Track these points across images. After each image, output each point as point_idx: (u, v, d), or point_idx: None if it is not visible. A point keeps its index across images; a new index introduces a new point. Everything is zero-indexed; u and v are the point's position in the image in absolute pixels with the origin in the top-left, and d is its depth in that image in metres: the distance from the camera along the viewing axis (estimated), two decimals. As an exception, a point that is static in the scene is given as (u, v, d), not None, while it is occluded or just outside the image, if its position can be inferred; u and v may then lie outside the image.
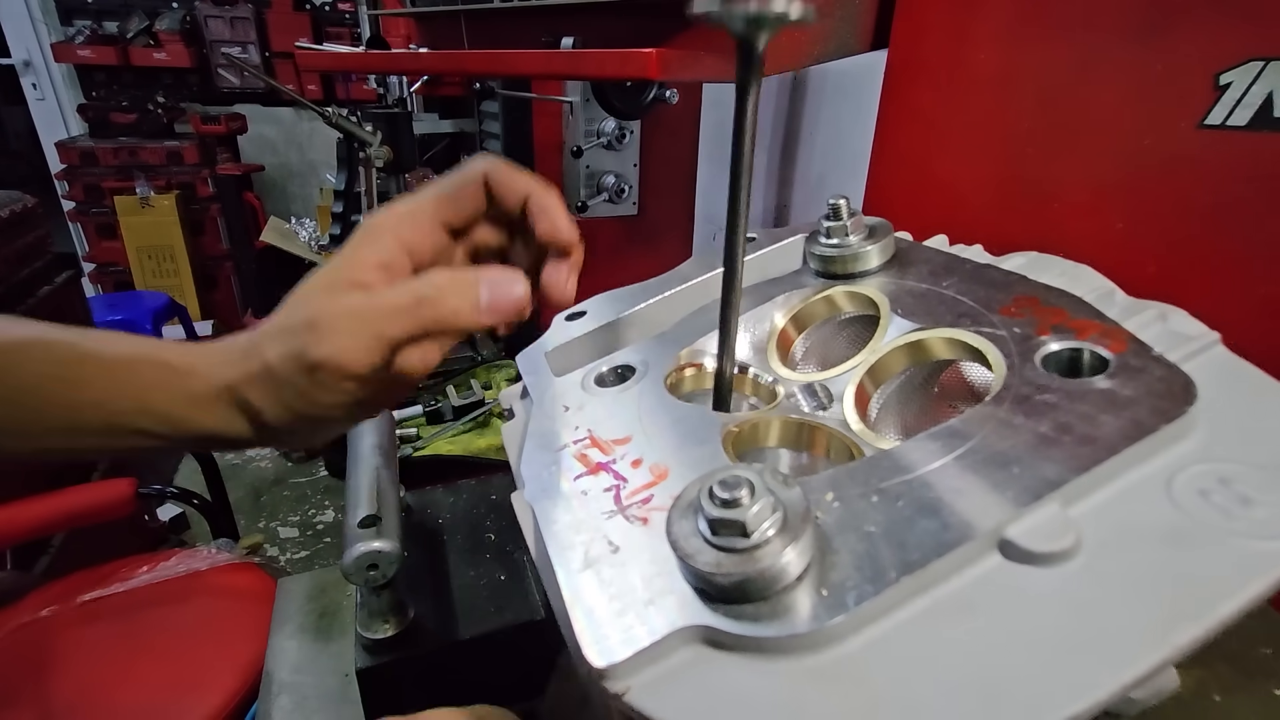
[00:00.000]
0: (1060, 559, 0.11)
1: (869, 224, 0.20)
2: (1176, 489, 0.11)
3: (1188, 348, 0.14)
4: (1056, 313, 0.15)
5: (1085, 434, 0.12)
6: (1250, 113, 0.32)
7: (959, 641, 0.10)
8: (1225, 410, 0.12)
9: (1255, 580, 0.09)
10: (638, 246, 1.41)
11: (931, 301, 0.17)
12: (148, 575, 1.00)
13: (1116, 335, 0.14)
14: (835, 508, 0.12)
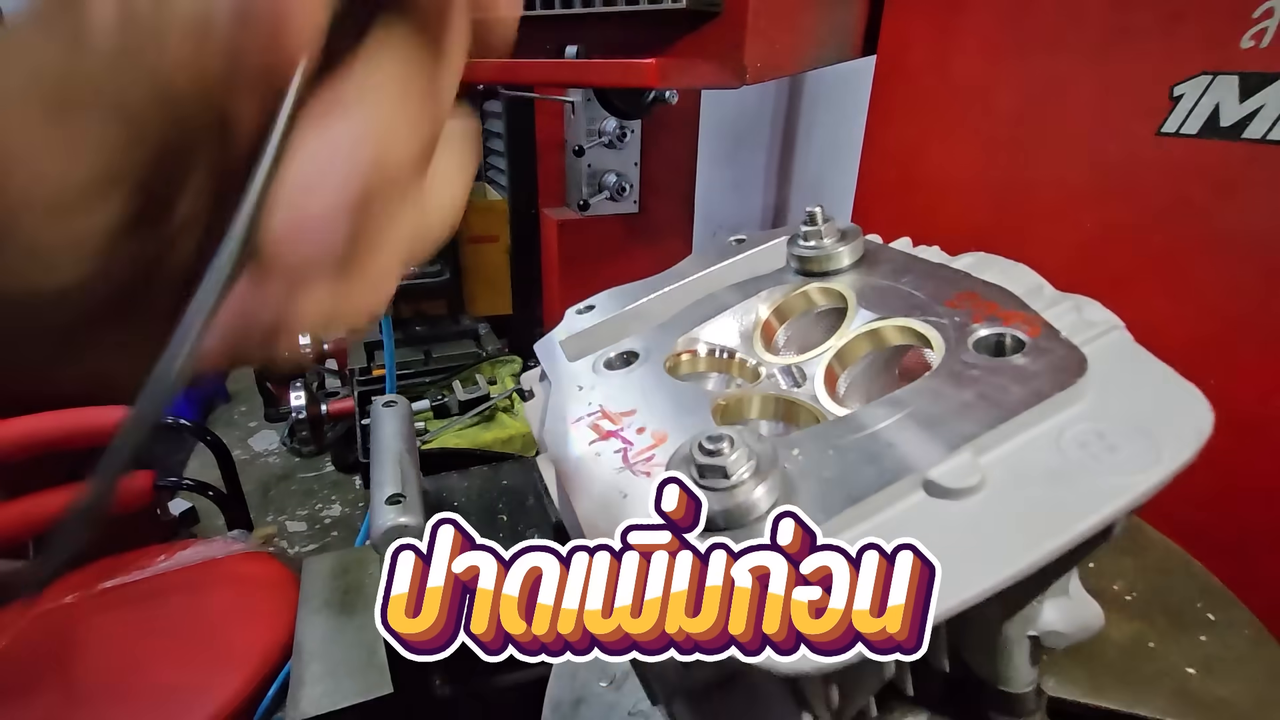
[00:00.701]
0: (968, 494, 0.14)
1: (841, 229, 0.23)
2: (1063, 441, 0.14)
3: (1092, 332, 0.17)
4: (990, 305, 0.18)
5: (998, 400, 0.15)
6: (1200, 121, 0.35)
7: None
8: (1111, 381, 0.15)
9: (1109, 504, 0.13)
10: (638, 242, 1.44)
11: (890, 296, 0.20)
12: (166, 563, 1.04)
13: (1034, 322, 0.17)
14: (799, 459, 0.16)
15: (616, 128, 1.33)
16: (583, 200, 1.36)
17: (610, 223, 1.42)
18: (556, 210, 1.45)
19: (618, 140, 1.35)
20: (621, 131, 1.34)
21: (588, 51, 0.60)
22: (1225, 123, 0.34)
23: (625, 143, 1.36)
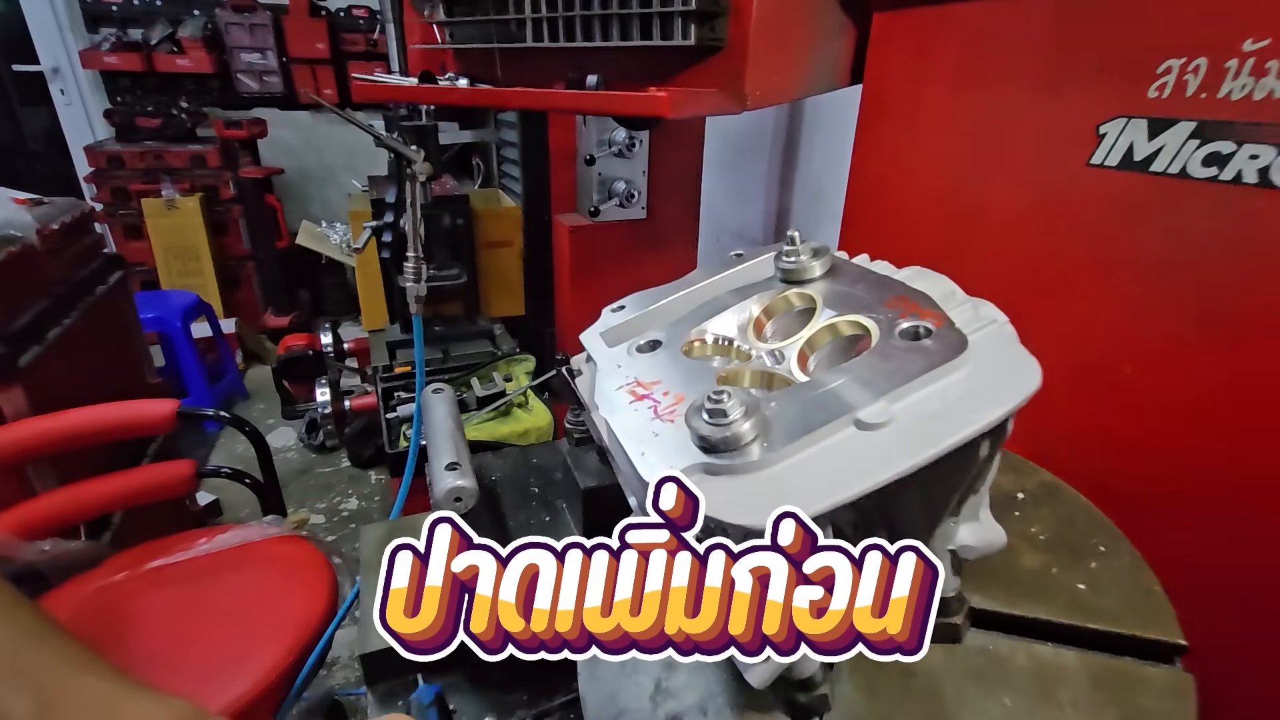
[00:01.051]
0: (882, 427, 0.21)
1: (814, 247, 0.31)
2: (946, 395, 0.22)
3: (980, 324, 0.25)
4: (914, 305, 0.26)
5: (907, 369, 0.23)
6: (1119, 156, 0.43)
7: (820, 462, 0.21)
8: (985, 356, 0.23)
9: (962, 431, 0.20)
10: (646, 247, 1.52)
11: (847, 299, 0.28)
12: (207, 546, 1.12)
13: (939, 318, 0.25)
14: (774, 407, 0.23)
15: (626, 138, 1.41)
16: (593, 207, 1.44)
17: (619, 228, 1.50)
18: (568, 216, 1.53)
19: (627, 150, 1.43)
20: (630, 141, 1.42)
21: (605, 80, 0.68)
22: (1138, 158, 0.42)
23: (634, 152, 1.44)
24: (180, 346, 2.28)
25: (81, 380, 1.24)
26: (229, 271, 3.04)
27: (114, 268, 1.44)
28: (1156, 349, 0.42)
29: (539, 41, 0.70)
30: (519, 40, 0.72)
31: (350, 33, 3.22)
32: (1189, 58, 0.38)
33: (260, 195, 2.93)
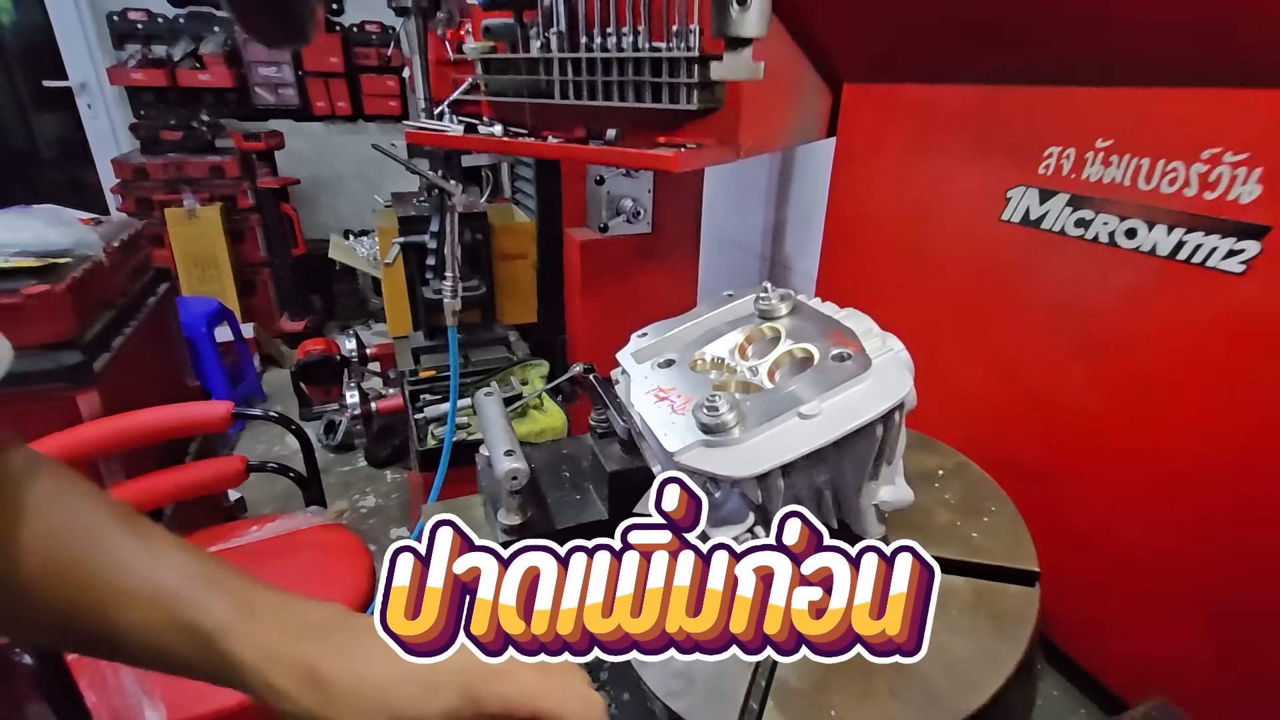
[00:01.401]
0: (815, 416, 0.35)
1: (781, 294, 0.45)
2: (854, 398, 0.35)
3: (885, 351, 0.38)
4: (843, 338, 0.40)
5: (834, 381, 0.36)
6: (1021, 215, 0.56)
7: (775, 438, 0.34)
8: (883, 374, 0.37)
9: (858, 419, 0.34)
10: (651, 260, 1.66)
11: (802, 331, 0.42)
12: (259, 533, 1.26)
13: (858, 347, 0.38)
14: (749, 405, 0.36)
15: (633, 161, 1.54)
16: (603, 223, 1.58)
17: (627, 242, 1.63)
18: (579, 231, 1.67)
19: (633, 170, 1.57)
20: (637, 164, 1.55)
21: (622, 135, 0.82)
22: (1032, 218, 0.55)
23: (640, 172, 1.58)
24: (205, 351, 2.41)
25: (137, 384, 1.38)
26: (245, 277, 3.17)
27: (161, 280, 1.58)
28: (1047, 363, 0.55)
29: (565, 99, 0.84)
30: (548, 96, 0.86)
31: (363, 47, 3.36)
32: (1063, 147, 0.52)
33: (277, 204, 3.07)
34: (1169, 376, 0.47)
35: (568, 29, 0.83)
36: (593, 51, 0.80)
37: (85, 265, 1.22)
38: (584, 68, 0.81)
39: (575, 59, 0.81)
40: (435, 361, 1.60)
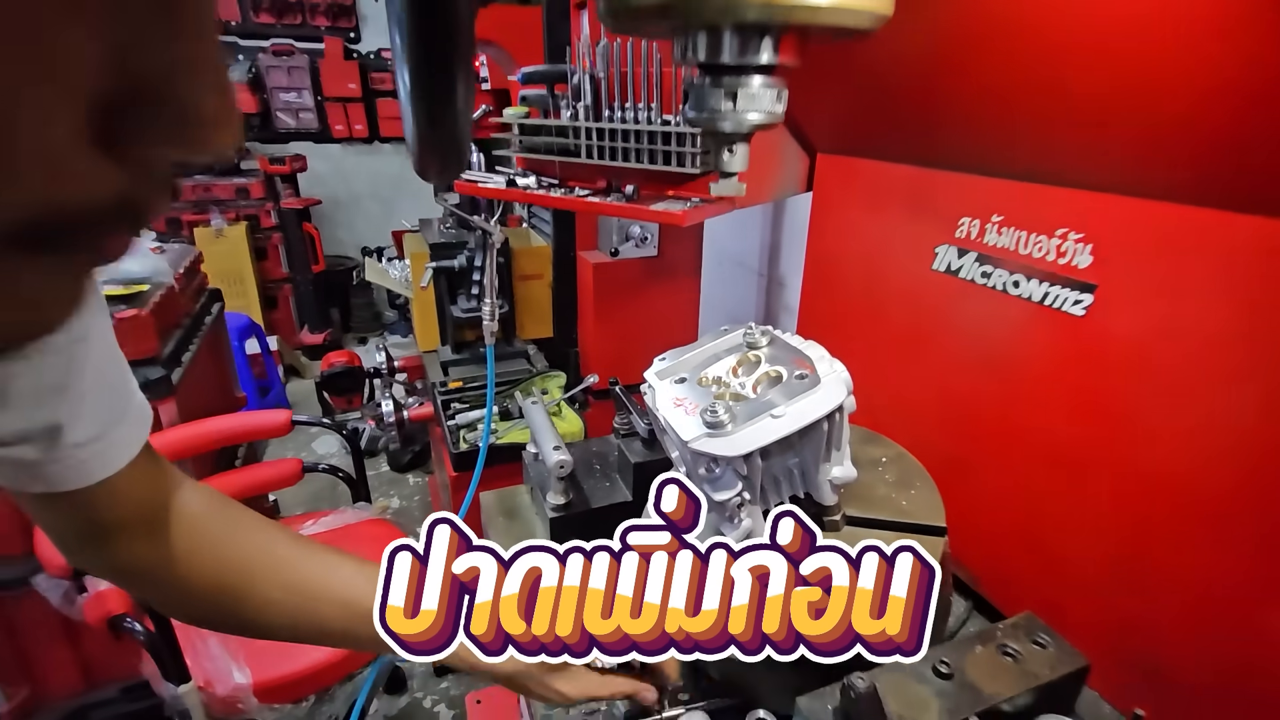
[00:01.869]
0: (783, 416, 0.53)
1: (762, 329, 0.63)
2: (808, 405, 0.54)
3: (831, 372, 0.56)
4: (803, 362, 0.58)
5: (795, 392, 0.54)
6: (944, 266, 0.75)
7: (755, 431, 0.54)
8: (827, 388, 0.55)
9: (810, 419, 0.52)
10: (658, 281, 1.85)
11: (776, 358, 0.60)
12: (314, 526, 1.45)
13: (812, 368, 0.56)
14: (738, 409, 0.54)
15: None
16: (614, 248, 1.77)
17: (635, 265, 1.83)
18: (591, 254, 1.86)
19: (641, 201, 1.76)
20: (645, 196, 1.74)
21: (638, 190, 1.01)
22: (953, 269, 0.74)
23: (647, 203, 1.77)
24: (239, 363, 2.60)
25: (200, 395, 1.57)
26: (268, 293, 3.37)
27: (215, 300, 1.77)
28: (964, 377, 0.74)
29: (589, 159, 1.03)
30: (575, 156, 1.05)
31: (379, 72, 3.57)
32: (971, 218, 0.71)
33: (300, 223, 3.27)
34: (1042, 386, 0.66)
35: (592, 103, 1.02)
36: (613, 122, 0.99)
37: (161, 290, 1.41)
38: (606, 135, 1.00)
39: (599, 128, 1.01)
40: (462, 373, 1.78)
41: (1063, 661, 0.54)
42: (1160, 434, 0.57)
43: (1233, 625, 0.54)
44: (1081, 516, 0.65)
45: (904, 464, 0.70)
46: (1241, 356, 0.51)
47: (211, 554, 0.44)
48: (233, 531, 0.46)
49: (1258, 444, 0.50)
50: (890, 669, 0.51)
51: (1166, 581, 0.58)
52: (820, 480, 0.61)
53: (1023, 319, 0.66)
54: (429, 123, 0.39)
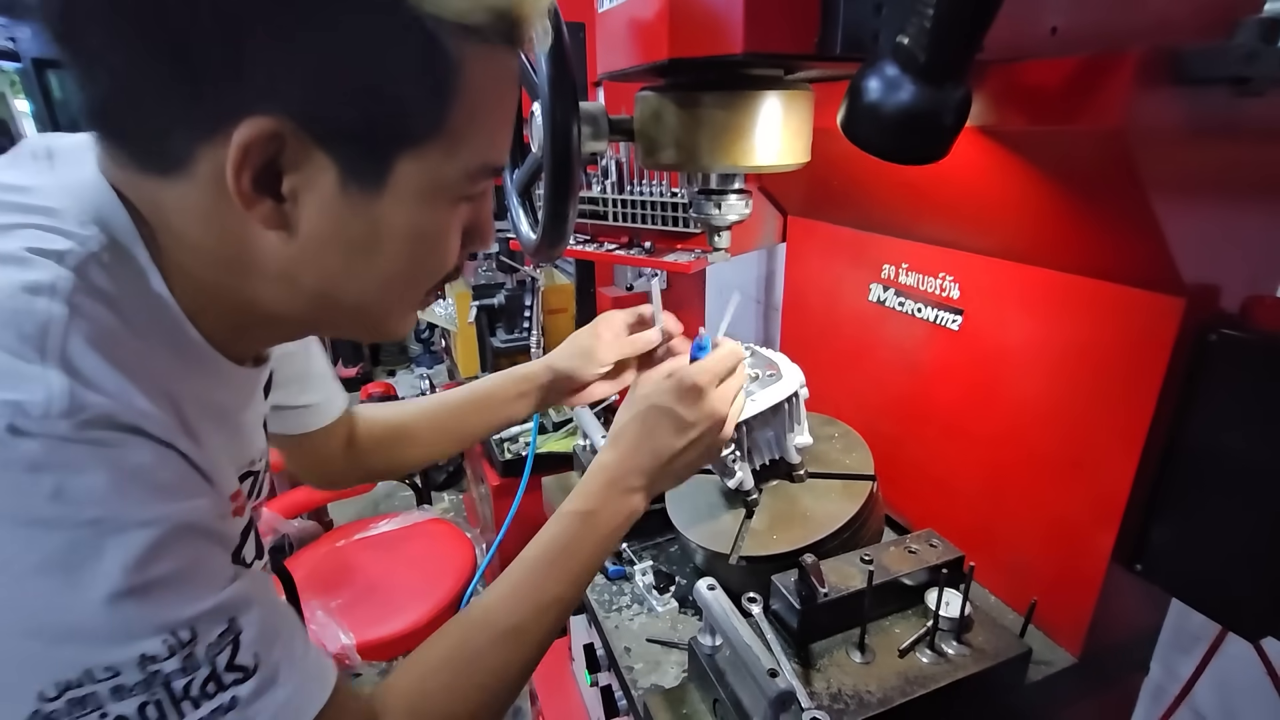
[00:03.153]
0: (756, 399, 0.85)
1: (747, 345, 0.96)
2: (774, 390, 0.86)
3: (791, 371, 0.88)
4: (771, 365, 0.90)
5: (765, 384, 0.86)
6: (876, 297, 1.09)
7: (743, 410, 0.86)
8: (787, 380, 0.87)
9: (776, 400, 0.85)
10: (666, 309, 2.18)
11: (755, 363, 0.92)
12: (387, 525, 1.77)
13: (777, 370, 0.88)
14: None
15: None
16: (629, 284, 2.12)
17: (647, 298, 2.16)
18: (609, 289, 2.21)
19: (652, 244, 2.10)
20: (655, 239, 2.09)
21: (655, 246, 1.36)
22: (881, 300, 1.08)
23: (657, 245, 2.11)
24: None
25: (284, 419, 1.91)
26: (307, 331, 3.72)
27: (289, 339, 2.13)
28: (893, 376, 1.07)
29: (615, 222, 1.39)
30: (603, 219, 1.40)
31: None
32: (892, 265, 1.04)
33: (336, 267, 3.64)
34: (938, 378, 0.99)
35: (617, 180, 1.38)
36: (633, 194, 1.35)
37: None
38: (628, 204, 1.36)
39: (623, 199, 1.36)
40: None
41: (947, 553, 0.86)
42: (1008, 405, 0.90)
43: (1055, 530, 0.86)
44: (965, 463, 0.97)
45: (849, 438, 1.03)
46: (1051, 354, 0.83)
47: (379, 428, 0.86)
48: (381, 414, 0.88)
49: (1065, 411, 0.83)
50: (830, 559, 0.83)
51: (1015, 503, 0.90)
52: (788, 445, 0.94)
53: (925, 333, 1.00)
54: (553, 223, 0.72)
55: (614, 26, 0.75)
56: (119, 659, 0.34)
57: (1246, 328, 0.67)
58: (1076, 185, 0.68)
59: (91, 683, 0.34)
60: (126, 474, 0.35)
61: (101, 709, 0.34)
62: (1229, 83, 0.55)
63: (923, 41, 0.52)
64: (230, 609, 0.39)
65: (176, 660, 0.36)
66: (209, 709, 0.37)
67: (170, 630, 0.36)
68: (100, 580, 0.34)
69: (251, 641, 0.39)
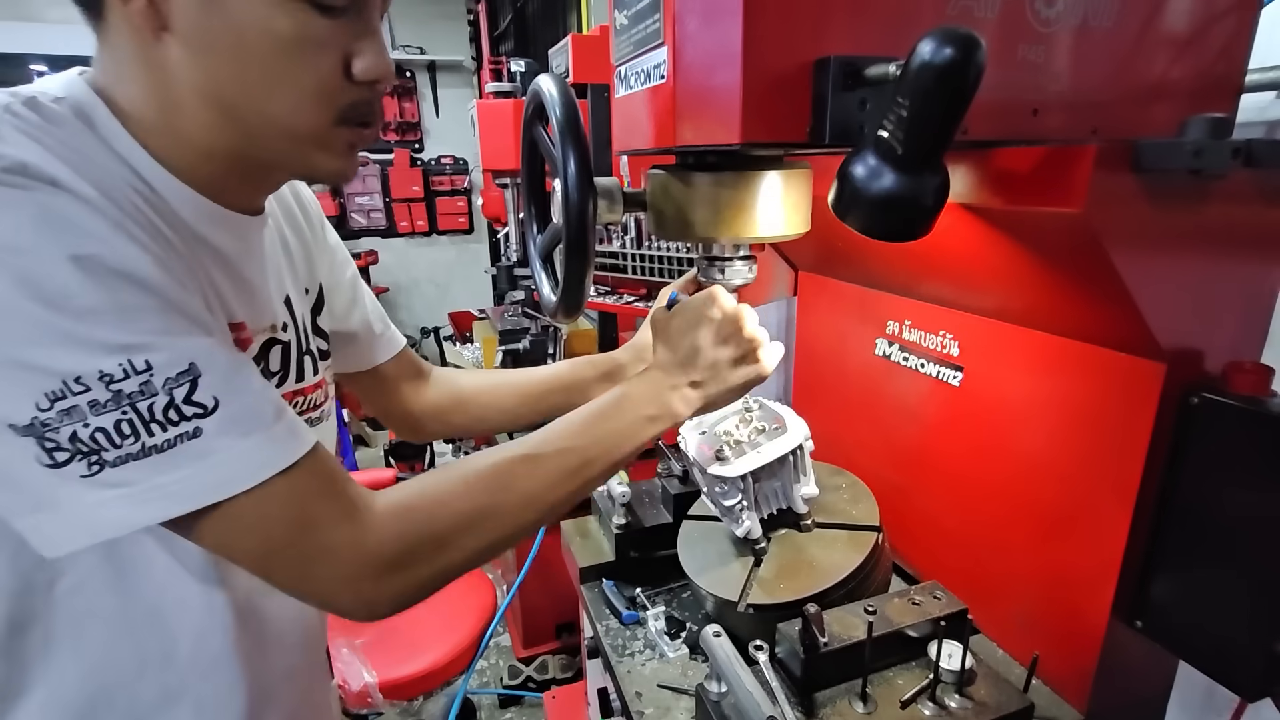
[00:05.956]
0: (763, 450, 0.89)
1: (755, 399, 1.01)
2: (782, 442, 0.90)
3: (796, 424, 0.93)
4: (778, 418, 0.96)
5: (772, 436, 0.91)
6: (883, 352, 1.14)
7: (750, 460, 0.91)
8: (793, 433, 0.92)
9: (782, 452, 0.90)
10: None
11: (763, 417, 0.98)
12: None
13: (783, 423, 0.94)
14: (739, 448, 0.92)
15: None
16: (650, 330, 2.20)
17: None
18: (629, 335, 2.29)
19: (672, 291, 2.19)
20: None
21: (671, 298, 1.43)
22: (888, 355, 1.13)
23: (677, 292, 2.20)
24: (340, 434, 3.06)
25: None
26: (340, 371, 3.87)
27: (324, 381, 2.25)
28: (897, 426, 1.12)
29: (634, 275, 1.47)
30: (623, 272, 1.49)
31: (438, 175, 4.19)
32: (896, 321, 1.10)
33: (370, 310, 3.81)
34: (940, 430, 1.03)
35: (635, 236, 1.47)
36: (650, 249, 1.43)
37: (299, 376, 1.87)
38: (645, 258, 1.44)
39: (641, 254, 1.44)
40: (525, 438, 2.19)
41: (950, 605, 0.89)
42: (1008, 459, 0.93)
43: (1056, 584, 0.88)
44: (969, 515, 1.00)
45: (857, 489, 1.07)
46: (1047, 411, 0.87)
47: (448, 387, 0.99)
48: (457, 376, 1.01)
49: (1061, 467, 0.86)
50: (835, 609, 0.87)
51: (1018, 556, 0.93)
52: (795, 496, 0.98)
53: (928, 388, 1.04)
54: (571, 288, 0.80)
55: (628, 112, 0.83)
56: (83, 369, 0.43)
57: (1226, 391, 0.71)
58: (1054, 258, 0.73)
59: (71, 395, 0.43)
60: (49, 214, 0.43)
61: (85, 420, 0.43)
62: (1185, 171, 0.60)
63: (900, 136, 0.59)
64: (187, 354, 0.46)
65: (134, 383, 0.44)
66: (174, 433, 0.45)
67: (118, 352, 0.44)
68: (40, 301, 0.42)
69: (210, 386, 0.47)
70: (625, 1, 0.79)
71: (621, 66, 0.82)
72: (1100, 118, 0.75)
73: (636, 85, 0.79)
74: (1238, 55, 0.81)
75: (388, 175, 4.11)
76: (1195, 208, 0.66)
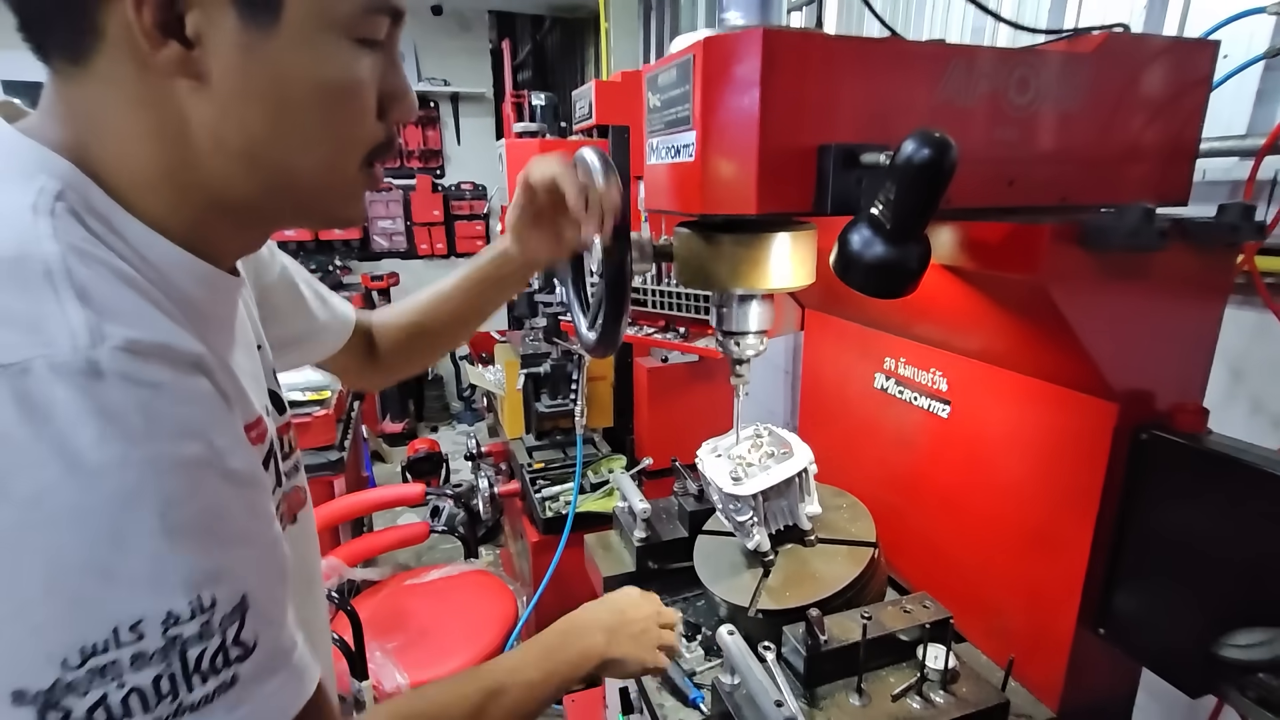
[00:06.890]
0: (771, 472, 1.03)
1: (766, 427, 1.13)
2: (789, 464, 1.03)
3: (802, 449, 1.05)
4: (785, 444, 1.08)
5: (780, 460, 1.04)
6: (880, 384, 1.27)
7: (761, 481, 1.04)
8: (798, 457, 1.05)
9: (789, 474, 1.02)
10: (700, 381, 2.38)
11: (772, 442, 1.11)
12: (436, 574, 1.96)
13: (790, 448, 1.06)
14: (750, 470, 1.04)
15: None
16: (664, 356, 2.33)
17: (682, 369, 2.37)
18: (646, 360, 2.42)
19: (685, 319, 2.32)
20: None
21: (689, 331, 1.57)
22: (884, 388, 1.26)
23: (690, 321, 2.33)
24: (362, 450, 3.18)
25: (350, 473, 2.13)
26: (359, 388, 4.00)
27: (357, 398, 2.38)
28: (892, 453, 1.24)
29: (654, 309, 1.61)
30: (644, 306, 1.63)
31: (458, 200, 4.37)
32: (892, 358, 1.23)
33: (391, 329, 3.96)
34: (933, 458, 1.16)
35: (656, 273, 1.60)
36: (670, 286, 1.57)
37: (336, 393, 2.01)
38: (665, 294, 1.58)
39: (661, 289, 1.58)
40: (544, 457, 2.32)
41: (936, 613, 1.01)
42: (988, 484, 1.06)
43: (1031, 596, 1.00)
44: (956, 534, 1.12)
45: (856, 509, 1.20)
46: (1020, 442, 1.00)
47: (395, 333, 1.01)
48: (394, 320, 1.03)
49: (1032, 492, 0.98)
50: (835, 615, 0.99)
51: (997, 570, 1.05)
52: (800, 514, 1.11)
53: (920, 419, 1.17)
54: (608, 331, 0.93)
55: (657, 178, 0.98)
56: (148, 611, 0.34)
57: (1171, 429, 0.83)
58: (1020, 312, 0.86)
59: (115, 647, 0.33)
60: (159, 411, 0.36)
61: (120, 679, 0.33)
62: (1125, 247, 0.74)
63: (888, 214, 0.73)
64: (244, 573, 0.39)
65: (195, 624, 0.35)
66: (213, 685, 0.37)
67: (196, 586, 0.36)
68: (138, 524, 0.34)
69: (255, 617, 0.39)
70: (658, 86, 0.93)
71: (653, 138, 0.97)
72: (1068, 187, 0.90)
73: (667, 157, 0.93)
74: (1191, 128, 0.95)
75: (409, 200, 4.29)
76: (1137, 272, 0.79)
